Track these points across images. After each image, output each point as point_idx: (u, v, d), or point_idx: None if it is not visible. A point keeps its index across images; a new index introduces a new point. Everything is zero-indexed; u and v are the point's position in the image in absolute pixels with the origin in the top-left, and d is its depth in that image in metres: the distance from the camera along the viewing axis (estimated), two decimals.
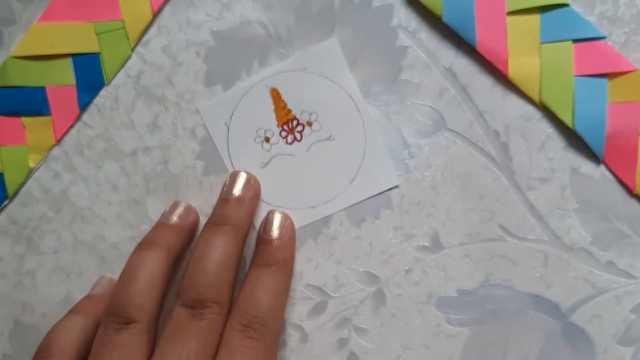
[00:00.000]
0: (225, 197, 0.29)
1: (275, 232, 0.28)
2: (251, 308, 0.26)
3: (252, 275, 0.27)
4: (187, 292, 0.26)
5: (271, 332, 0.26)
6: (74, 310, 0.29)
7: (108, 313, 0.26)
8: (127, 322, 0.25)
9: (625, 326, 0.29)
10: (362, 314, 0.30)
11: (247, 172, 0.30)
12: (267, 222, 0.29)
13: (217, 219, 0.28)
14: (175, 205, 0.30)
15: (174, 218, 0.29)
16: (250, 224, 0.29)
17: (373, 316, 0.30)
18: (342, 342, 0.30)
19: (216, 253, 0.27)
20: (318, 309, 0.30)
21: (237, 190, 0.29)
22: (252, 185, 0.29)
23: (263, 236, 0.28)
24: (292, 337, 0.30)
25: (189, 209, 0.30)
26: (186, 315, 0.26)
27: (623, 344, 0.29)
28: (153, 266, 0.27)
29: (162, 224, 0.29)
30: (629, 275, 0.29)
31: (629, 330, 0.29)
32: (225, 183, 0.29)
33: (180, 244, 0.29)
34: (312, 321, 0.30)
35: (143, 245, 0.28)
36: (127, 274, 0.27)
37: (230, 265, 0.27)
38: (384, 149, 0.30)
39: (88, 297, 0.30)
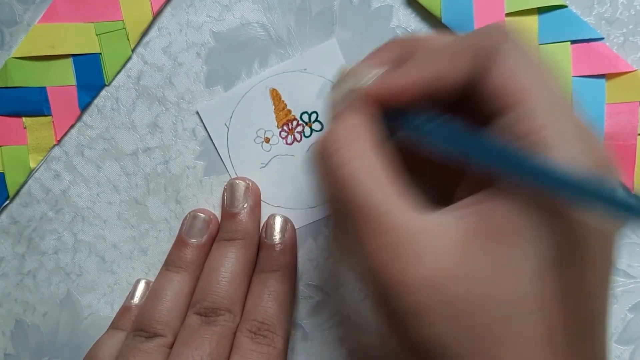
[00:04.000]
0: (230, 213, 0.29)
1: (277, 236, 0.29)
2: (259, 315, 0.27)
3: (257, 282, 0.28)
4: (201, 302, 0.27)
5: (280, 337, 0.27)
6: (114, 326, 0.30)
7: (136, 328, 0.28)
8: (153, 336, 0.27)
9: (624, 325, 0.29)
10: (362, 313, 0.30)
11: (244, 179, 0.30)
12: (269, 227, 0.29)
13: (227, 235, 0.29)
14: (194, 218, 0.30)
15: (196, 236, 0.29)
16: (259, 230, 0.29)
17: (372, 315, 0.30)
18: (342, 341, 0.30)
19: (229, 264, 0.28)
20: (318, 307, 0.30)
21: (240, 202, 0.29)
22: (252, 192, 0.29)
23: (265, 241, 0.29)
24: (292, 336, 0.30)
25: (208, 222, 0.30)
26: (200, 322, 0.27)
27: (621, 342, 0.29)
28: (179, 286, 0.28)
29: (184, 242, 0.29)
30: (628, 275, 0.29)
31: (627, 329, 0.29)
32: (224, 194, 0.30)
33: (203, 259, 0.29)
34: (313, 320, 0.30)
35: (170, 268, 0.29)
36: (155, 293, 0.28)
37: (243, 275, 0.28)
38: None
39: (125, 310, 0.30)
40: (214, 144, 0.30)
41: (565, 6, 0.28)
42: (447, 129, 0.21)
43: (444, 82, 0.21)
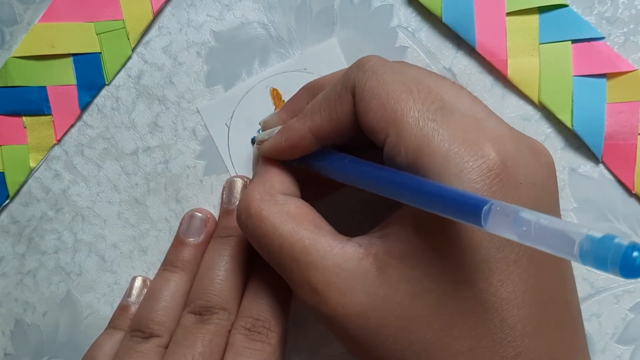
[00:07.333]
0: (227, 210, 0.29)
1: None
2: (253, 311, 0.27)
3: (253, 279, 0.28)
4: (196, 300, 0.27)
5: (275, 333, 0.26)
6: (112, 326, 0.30)
7: (133, 328, 0.28)
8: (150, 336, 0.27)
9: (624, 325, 0.29)
10: None
11: (242, 178, 0.30)
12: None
13: (223, 232, 0.29)
14: (191, 217, 0.30)
15: (193, 235, 0.29)
16: None
17: None
18: None
19: (223, 262, 0.28)
20: None
21: (237, 199, 0.29)
22: None
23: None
24: (289, 331, 0.30)
25: (205, 221, 0.30)
26: (194, 321, 0.27)
27: (621, 342, 0.29)
28: (176, 286, 0.28)
29: (182, 242, 0.29)
30: None
31: (627, 329, 0.29)
32: (223, 192, 0.30)
33: (200, 258, 0.29)
34: (310, 315, 0.30)
35: (167, 268, 0.29)
36: (152, 293, 0.29)
37: (238, 272, 0.28)
38: None
39: (123, 308, 0.30)
40: (214, 144, 0.30)
41: (566, 5, 0.28)
42: (340, 164, 0.23)
43: (331, 125, 0.23)
